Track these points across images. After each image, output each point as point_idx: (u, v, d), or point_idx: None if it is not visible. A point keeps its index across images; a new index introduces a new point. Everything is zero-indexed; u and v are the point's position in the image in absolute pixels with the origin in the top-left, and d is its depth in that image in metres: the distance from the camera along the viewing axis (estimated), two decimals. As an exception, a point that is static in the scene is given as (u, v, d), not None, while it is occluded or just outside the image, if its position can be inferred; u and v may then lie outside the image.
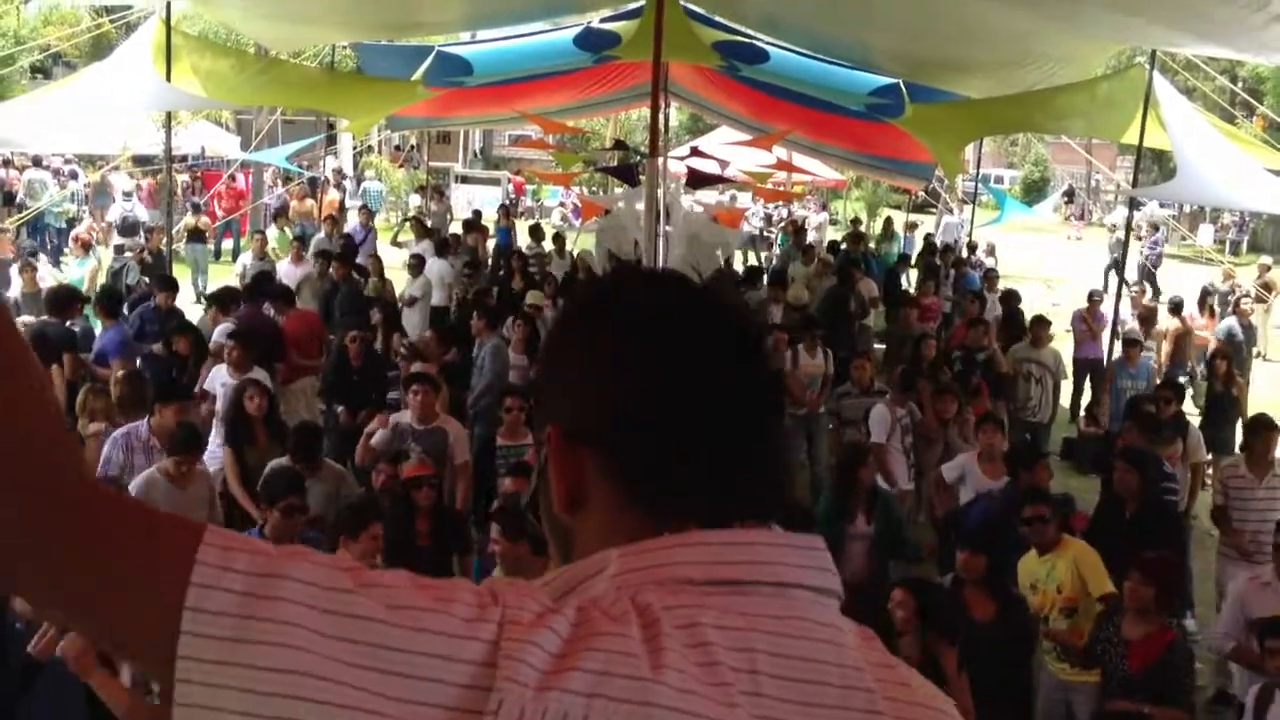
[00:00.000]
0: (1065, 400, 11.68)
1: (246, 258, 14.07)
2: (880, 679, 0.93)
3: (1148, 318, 13.18)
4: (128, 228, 18.67)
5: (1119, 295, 11.68)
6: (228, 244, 22.04)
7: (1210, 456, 9.03)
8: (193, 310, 12.49)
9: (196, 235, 18.06)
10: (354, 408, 8.79)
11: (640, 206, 12.87)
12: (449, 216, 22.74)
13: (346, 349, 9.14)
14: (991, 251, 20.66)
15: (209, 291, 13.99)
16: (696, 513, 0.96)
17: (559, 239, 17.81)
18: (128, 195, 20.05)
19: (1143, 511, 6.47)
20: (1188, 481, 7.10)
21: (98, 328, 9.19)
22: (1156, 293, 18.31)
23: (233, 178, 22.49)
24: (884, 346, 13.06)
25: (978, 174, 18.09)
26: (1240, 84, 18.68)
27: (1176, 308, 13.08)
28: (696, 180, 11.97)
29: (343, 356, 9.20)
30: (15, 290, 11.41)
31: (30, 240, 18.19)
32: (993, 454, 7.16)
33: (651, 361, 1.00)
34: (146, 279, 13.05)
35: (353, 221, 17.71)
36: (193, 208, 20.23)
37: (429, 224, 17.36)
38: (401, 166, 31.28)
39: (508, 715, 0.76)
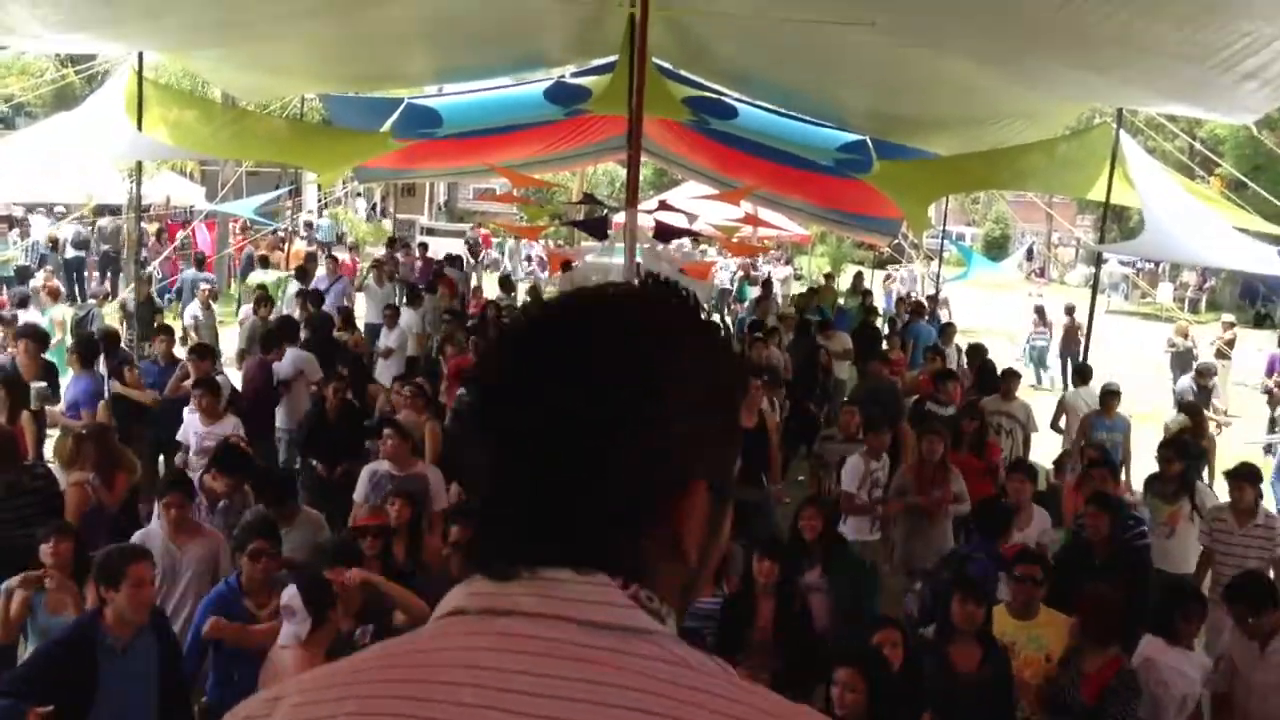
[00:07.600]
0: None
1: (194, 306, 13.74)
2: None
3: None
4: (80, 243, 20.21)
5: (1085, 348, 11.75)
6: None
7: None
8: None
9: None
10: (330, 460, 8.50)
11: (607, 260, 12.91)
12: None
13: (324, 400, 9.00)
14: (944, 305, 20.57)
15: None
16: (483, 564, 0.99)
17: (534, 291, 17.79)
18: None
19: (1113, 556, 6.56)
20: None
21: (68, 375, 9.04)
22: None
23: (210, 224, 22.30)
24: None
25: (944, 229, 18.24)
26: (1199, 143, 18.98)
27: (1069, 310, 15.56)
28: (664, 233, 12.00)
29: (320, 408, 9.06)
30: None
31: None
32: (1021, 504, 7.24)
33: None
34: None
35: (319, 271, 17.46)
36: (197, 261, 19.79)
37: (397, 274, 17.29)
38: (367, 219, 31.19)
39: None
